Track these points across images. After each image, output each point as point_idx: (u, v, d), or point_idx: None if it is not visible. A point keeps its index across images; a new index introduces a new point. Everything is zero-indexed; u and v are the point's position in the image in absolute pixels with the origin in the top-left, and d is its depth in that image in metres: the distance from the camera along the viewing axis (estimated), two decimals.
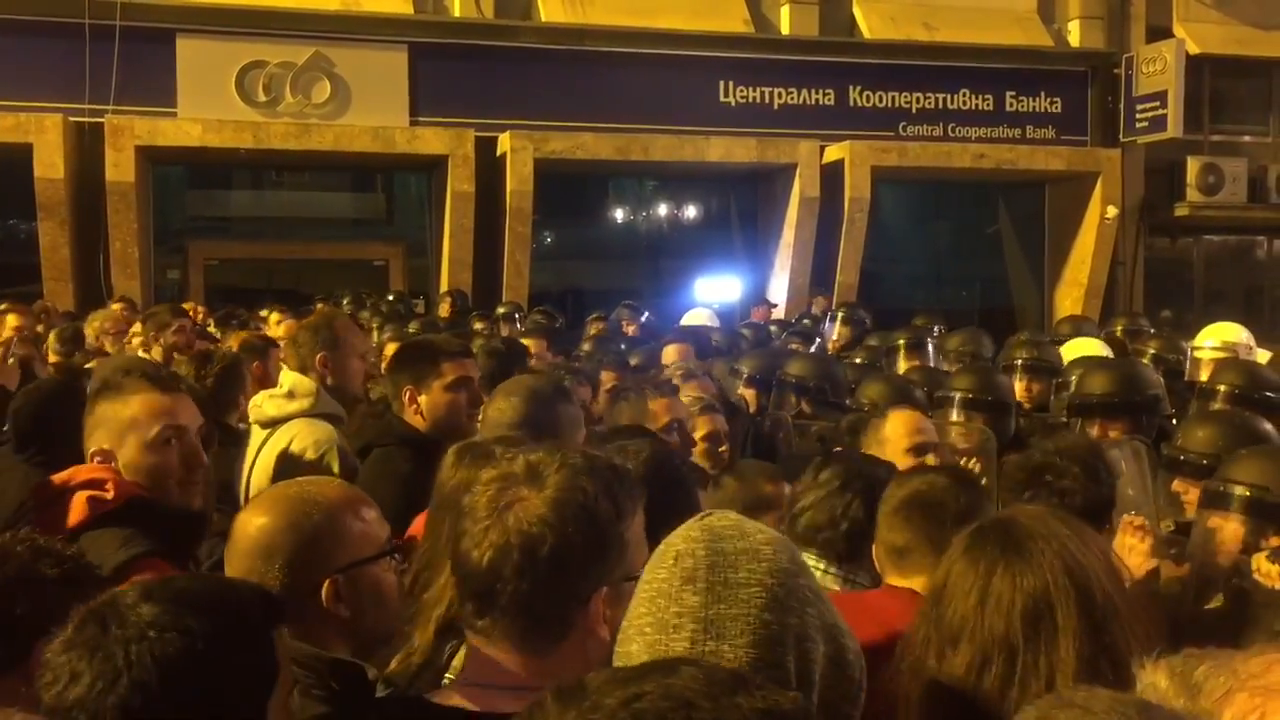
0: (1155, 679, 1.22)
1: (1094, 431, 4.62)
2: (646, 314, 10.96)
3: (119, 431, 2.68)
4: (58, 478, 2.65)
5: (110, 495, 2.53)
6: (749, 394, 6.16)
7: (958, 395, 5.07)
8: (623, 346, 8.39)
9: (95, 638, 1.52)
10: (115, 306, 9.60)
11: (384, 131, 13.65)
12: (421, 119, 13.96)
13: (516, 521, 1.63)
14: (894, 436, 3.96)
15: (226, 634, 1.55)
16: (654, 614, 1.48)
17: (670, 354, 6.39)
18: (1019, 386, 5.87)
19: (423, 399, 3.69)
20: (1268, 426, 3.95)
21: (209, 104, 13.21)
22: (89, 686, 1.48)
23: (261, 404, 3.94)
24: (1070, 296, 15.91)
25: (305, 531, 1.99)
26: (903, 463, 3.91)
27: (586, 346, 7.77)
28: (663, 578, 1.50)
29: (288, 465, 3.70)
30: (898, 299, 15.30)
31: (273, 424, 3.90)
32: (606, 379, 5.52)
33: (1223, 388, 5.03)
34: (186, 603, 1.56)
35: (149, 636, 1.50)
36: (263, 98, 13.43)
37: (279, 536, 1.99)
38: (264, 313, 9.81)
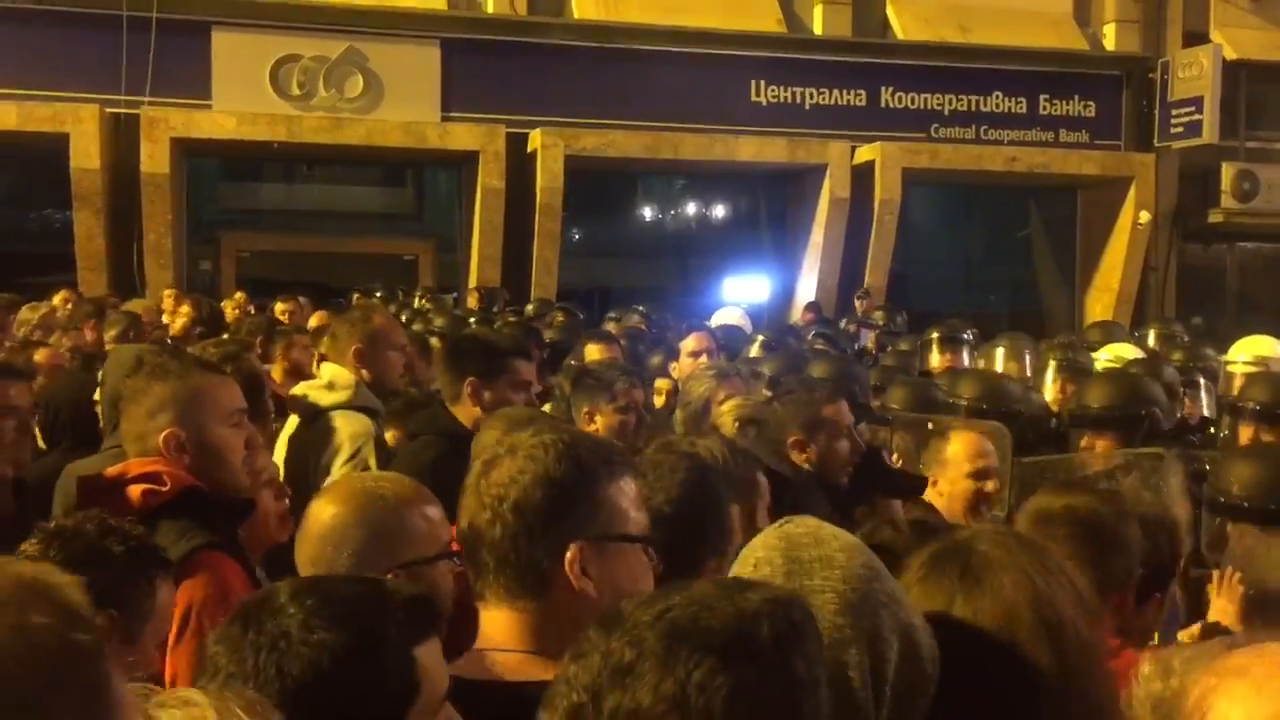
0: (1141, 667, 1.40)
1: (1084, 442, 4.63)
2: (652, 315, 10.88)
3: (191, 412, 2.69)
4: (110, 471, 2.66)
5: (166, 487, 2.54)
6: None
7: (963, 404, 5.08)
8: (640, 348, 8.38)
9: (237, 637, 1.50)
10: (167, 292, 9.75)
11: (415, 127, 13.70)
12: (453, 115, 14.00)
13: (488, 485, 1.83)
14: (956, 459, 3.97)
15: (360, 650, 1.48)
16: None
17: (690, 343, 6.35)
18: (1054, 388, 5.89)
19: (487, 394, 3.75)
20: None
21: (243, 97, 13.29)
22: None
23: (307, 394, 3.96)
24: (1101, 302, 15.81)
25: (374, 524, 2.10)
26: (963, 486, 3.95)
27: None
28: None
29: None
30: (926, 302, 15.23)
31: (313, 415, 3.92)
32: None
33: (1250, 405, 5.02)
34: (328, 613, 1.50)
35: (279, 647, 1.46)
36: (296, 91, 13.50)
37: (350, 528, 2.09)
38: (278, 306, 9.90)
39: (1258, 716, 1.31)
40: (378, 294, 11.30)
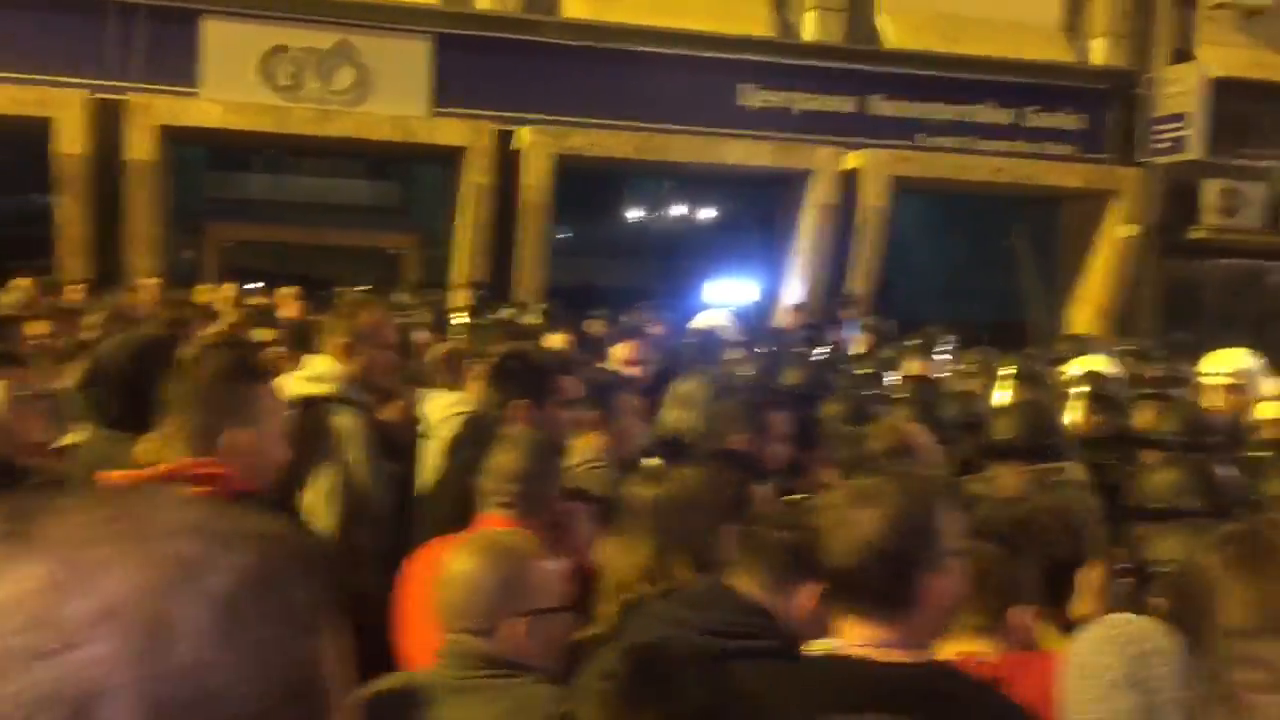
0: None
1: (993, 471, 4.73)
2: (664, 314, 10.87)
3: (263, 417, 2.81)
4: (160, 470, 2.64)
5: (220, 489, 2.53)
6: None
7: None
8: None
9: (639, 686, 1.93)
10: (148, 281, 9.72)
11: (403, 121, 13.66)
12: (442, 110, 13.96)
13: (862, 532, 2.21)
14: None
15: None
16: None
17: (620, 351, 6.29)
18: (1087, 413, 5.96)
19: (538, 416, 3.77)
20: (1217, 470, 4.09)
21: (231, 86, 13.21)
22: None
23: (286, 385, 3.94)
24: (1083, 314, 15.89)
25: (505, 575, 2.48)
26: None
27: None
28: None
29: None
30: (910, 310, 15.25)
31: (302, 408, 3.89)
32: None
33: (1160, 436, 5.14)
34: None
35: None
36: (285, 82, 13.43)
37: (485, 577, 2.45)
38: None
39: None
40: (366, 288, 11.23)
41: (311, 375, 4.00)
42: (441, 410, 4.29)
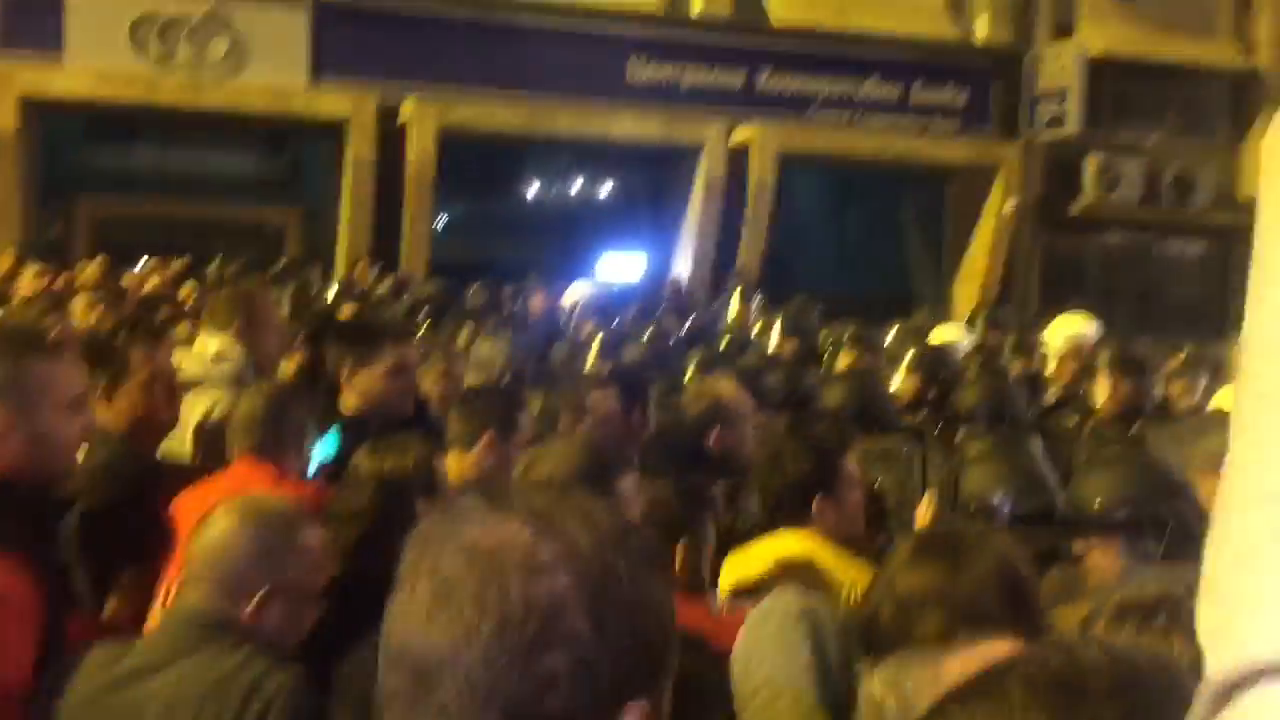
0: None
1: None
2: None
3: (24, 395, 2.38)
4: None
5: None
6: None
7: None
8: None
9: None
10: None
11: (282, 92, 13.22)
12: (322, 81, 13.53)
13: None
14: None
15: None
16: None
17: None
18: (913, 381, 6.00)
19: (359, 379, 3.61)
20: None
21: (100, 54, 12.61)
22: None
23: (181, 363, 3.72)
24: (968, 288, 16.16)
25: (260, 540, 2.27)
26: None
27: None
28: None
29: (211, 430, 3.51)
30: (800, 284, 15.32)
31: (191, 384, 3.69)
32: None
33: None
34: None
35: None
36: (156, 50, 12.87)
37: (236, 539, 2.25)
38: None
39: None
40: (239, 263, 10.81)
41: (211, 354, 3.82)
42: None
